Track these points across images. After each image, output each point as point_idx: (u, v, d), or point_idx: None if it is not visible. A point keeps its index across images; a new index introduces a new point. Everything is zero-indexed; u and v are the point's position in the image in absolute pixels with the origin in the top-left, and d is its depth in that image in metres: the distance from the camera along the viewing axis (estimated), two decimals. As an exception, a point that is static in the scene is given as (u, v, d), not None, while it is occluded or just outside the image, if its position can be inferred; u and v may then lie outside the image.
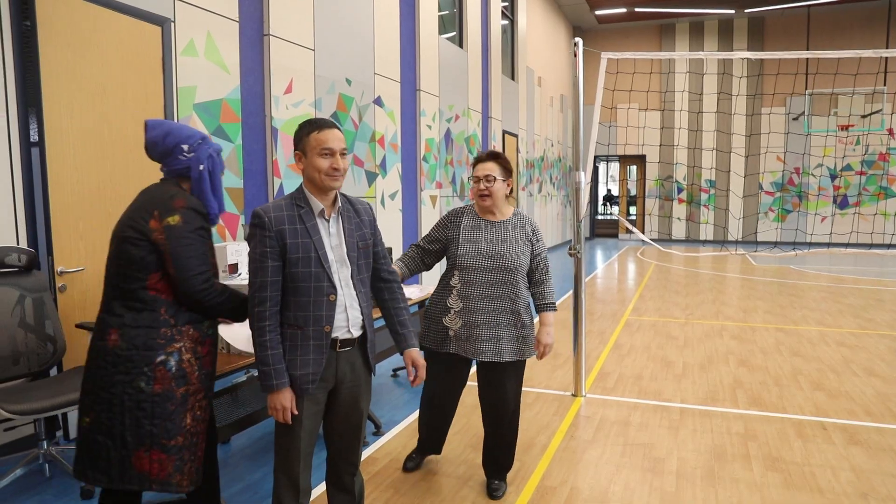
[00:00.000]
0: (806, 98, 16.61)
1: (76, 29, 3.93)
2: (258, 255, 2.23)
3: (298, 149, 2.32)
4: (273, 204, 2.30)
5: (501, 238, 3.05)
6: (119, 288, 2.27)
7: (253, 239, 2.25)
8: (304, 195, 2.35)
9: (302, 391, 2.29)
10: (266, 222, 2.23)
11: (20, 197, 3.66)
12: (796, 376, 5.19)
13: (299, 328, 2.28)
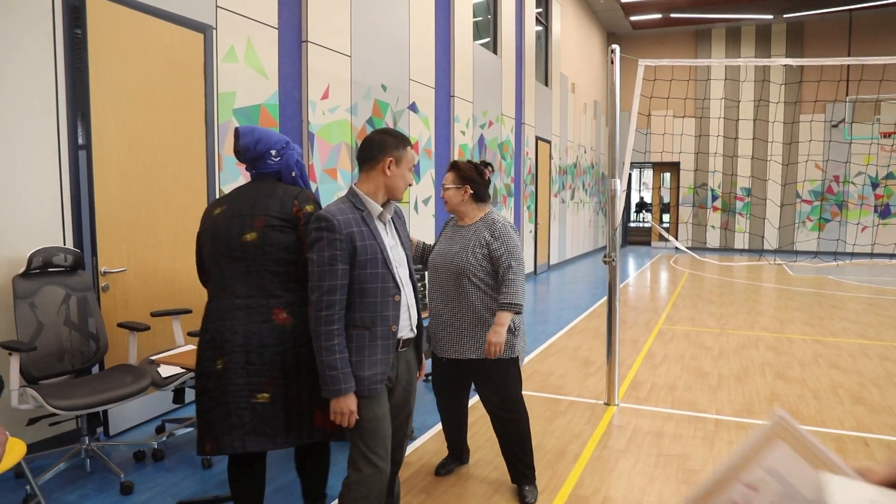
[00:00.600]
0: (847, 105, 16.25)
1: (123, 37, 4.04)
2: (327, 258, 2.23)
3: (392, 156, 2.37)
4: (335, 207, 2.30)
5: (460, 242, 3.15)
6: (276, 272, 2.47)
7: (319, 242, 2.24)
8: (360, 198, 2.37)
9: (370, 392, 2.31)
10: (336, 225, 2.24)
11: (67, 198, 3.77)
12: (836, 389, 5.08)
13: (367, 329, 2.30)
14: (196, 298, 4.58)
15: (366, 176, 2.40)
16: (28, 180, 3.57)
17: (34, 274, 3.52)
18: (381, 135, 2.41)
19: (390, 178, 2.38)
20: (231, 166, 4.97)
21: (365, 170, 2.40)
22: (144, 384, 3.48)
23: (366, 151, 2.39)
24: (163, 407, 4.42)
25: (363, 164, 2.41)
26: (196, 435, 2.69)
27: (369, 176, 2.39)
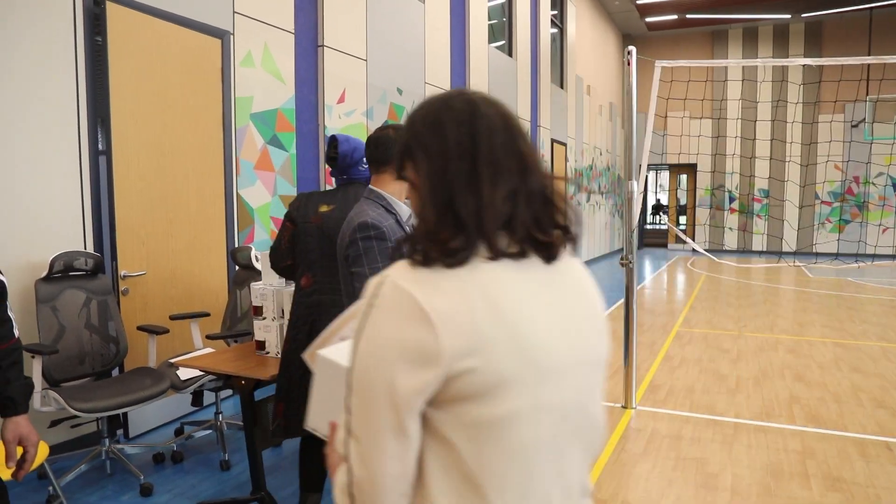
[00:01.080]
0: (867, 104, 16.04)
1: (142, 43, 4.09)
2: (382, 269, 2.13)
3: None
4: (373, 213, 2.14)
5: None
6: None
7: (370, 253, 2.08)
8: (388, 201, 2.22)
9: None
10: (386, 233, 2.10)
11: (88, 203, 3.82)
12: (857, 393, 5.01)
13: None
14: (214, 302, 4.62)
15: (389, 177, 2.23)
16: (49, 186, 3.62)
17: (56, 278, 3.57)
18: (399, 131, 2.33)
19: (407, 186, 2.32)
20: (248, 171, 5.00)
21: (388, 171, 2.22)
22: (164, 387, 3.52)
23: (388, 151, 2.21)
24: (182, 409, 4.46)
25: (385, 165, 2.23)
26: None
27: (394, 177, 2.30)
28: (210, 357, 3.31)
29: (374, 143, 2.27)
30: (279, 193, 5.33)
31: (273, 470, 3.62)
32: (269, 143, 5.22)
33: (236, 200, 4.89)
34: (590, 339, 1.05)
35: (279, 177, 5.34)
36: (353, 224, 2.11)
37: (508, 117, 1.02)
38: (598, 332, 1.09)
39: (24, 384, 1.77)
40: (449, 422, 0.90)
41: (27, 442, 1.72)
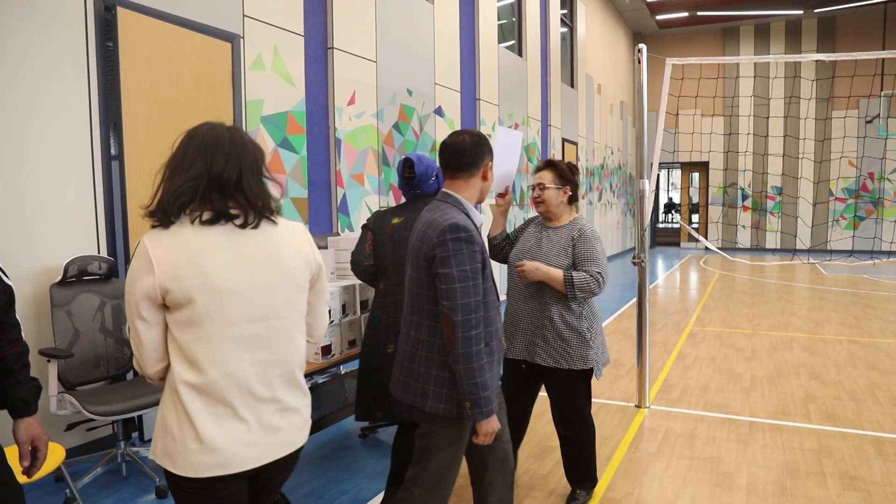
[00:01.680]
0: (882, 100, 15.89)
1: (153, 48, 4.12)
2: (471, 272, 2.08)
3: (490, 160, 2.30)
4: (462, 218, 2.14)
5: (547, 245, 3.04)
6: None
7: (459, 254, 2.07)
8: (467, 208, 2.23)
9: (493, 409, 2.17)
10: (476, 236, 2.11)
11: (101, 207, 3.85)
12: (874, 391, 4.96)
13: (486, 344, 2.14)
14: (227, 304, 4.64)
15: (464, 183, 2.25)
16: (63, 191, 3.65)
17: (70, 282, 3.60)
18: (473, 137, 2.27)
19: (488, 182, 2.31)
20: (259, 173, 5.02)
21: (463, 177, 2.25)
22: (178, 389, 3.53)
23: (464, 157, 2.23)
24: (196, 412, 4.47)
25: (461, 171, 2.24)
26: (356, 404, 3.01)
27: (469, 183, 2.25)
28: (223, 359, 3.33)
29: (449, 149, 2.27)
30: (290, 196, 5.35)
31: (287, 471, 3.63)
32: (280, 145, 5.25)
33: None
34: (264, 274, 1.63)
35: (290, 179, 5.36)
36: (442, 225, 2.09)
37: (217, 134, 1.66)
38: (276, 270, 1.65)
39: (34, 386, 1.82)
40: (172, 321, 1.56)
41: (38, 441, 1.77)
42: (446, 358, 2.13)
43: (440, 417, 2.18)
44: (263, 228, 1.65)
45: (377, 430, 4.22)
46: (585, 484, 3.21)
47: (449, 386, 2.15)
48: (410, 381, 2.23)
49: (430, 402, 2.17)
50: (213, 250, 1.56)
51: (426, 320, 2.17)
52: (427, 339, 2.18)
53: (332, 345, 3.19)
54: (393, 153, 6.74)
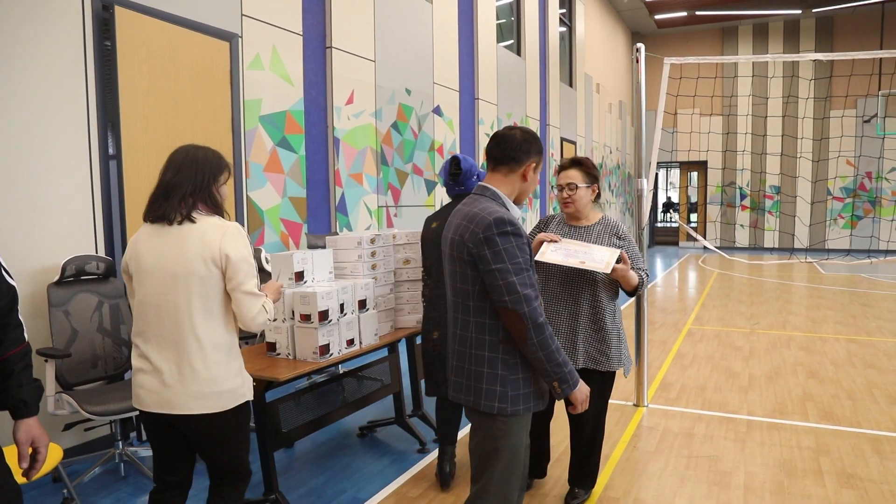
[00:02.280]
0: (879, 99, 15.91)
1: (151, 47, 4.12)
2: (524, 262, 2.06)
3: (535, 160, 2.22)
4: (503, 209, 2.12)
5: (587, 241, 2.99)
6: None
7: (510, 248, 2.04)
8: (505, 203, 2.18)
9: (545, 403, 2.22)
10: (521, 228, 2.09)
11: (99, 207, 3.85)
12: (871, 389, 4.97)
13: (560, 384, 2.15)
14: (225, 304, 4.64)
15: (503, 177, 2.20)
16: (60, 190, 3.65)
17: (68, 282, 3.60)
18: (525, 134, 2.21)
19: (528, 184, 2.23)
20: (258, 173, 5.03)
21: (503, 171, 2.20)
22: (176, 389, 3.53)
23: (509, 151, 2.18)
24: (194, 411, 4.47)
25: (502, 164, 2.20)
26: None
27: (508, 178, 2.20)
28: (221, 359, 3.32)
29: (497, 138, 2.23)
30: (289, 195, 5.35)
31: (285, 471, 3.63)
32: (279, 145, 5.25)
33: (246, 203, 4.92)
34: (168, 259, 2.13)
35: (289, 178, 5.35)
36: (487, 220, 2.04)
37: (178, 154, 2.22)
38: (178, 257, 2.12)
39: (36, 387, 1.81)
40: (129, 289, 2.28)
41: (39, 443, 1.77)
42: (498, 355, 2.11)
43: (496, 417, 2.13)
44: (184, 226, 2.14)
45: (376, 430, 4.22)
46: (586, 483, 3.21)
47: (502, 384, 2.11)
48: (462, 380, 2.19)
49: (485, 400, 2.13)
50: (144, 241, 2.19)
51: (473, 317, 2.13)
52: (476, 336, 2.13)
53: (329, 344, 3.19)
54: (391, 153, 6.74)
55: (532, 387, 2.16)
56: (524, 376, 2.13)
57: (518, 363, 2.12)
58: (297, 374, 3.03)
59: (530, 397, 2.16)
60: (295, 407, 3.48)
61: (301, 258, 3.32)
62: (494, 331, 2.11)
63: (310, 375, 4.76)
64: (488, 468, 2.18)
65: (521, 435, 2.19)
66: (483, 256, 2.04)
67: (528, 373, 2.14)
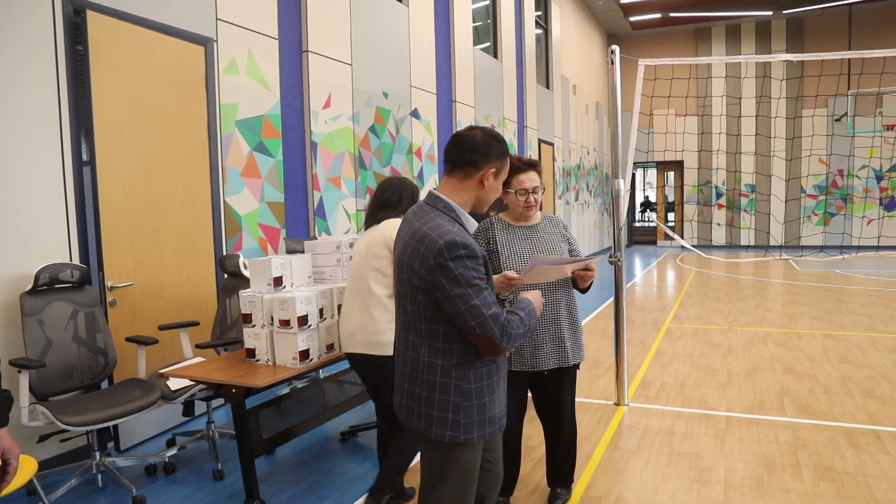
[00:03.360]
0: (849, 98, 16.21)
1: (125, 52, 4.07)
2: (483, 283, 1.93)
3: (495, 166, 2.04)
4: (456, 231, 1.94)
5: (541, 240, 2.98)
6: None
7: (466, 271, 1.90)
8: (459, 215, 2.03)
9: (500, 429, 2.10)
10: (475, 249, 1.92)
11: (73, 214, 3.79)
12: (846, 383, 5.05)
13: (493, 362, 2.05)
14: (203, 311, 4.60)
15: (458, 184, 2.04)
16: (33, 197, 3.59)
17: (41, 291, 3.54)
18: (486, 135, 2.04)
19: (486, 192, 2.05)
20: (235, 178, 4.99)
21: (458, 176, 2.03)
22: (154, 398, 3.49)
23: (466, 153, 2.01)
24: (173, 420, 4.43)
25: (458, 168, 2.03)
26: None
27: (463, 185, 2.03)
28: (200, 366, 3.30)
29: (455, 139, 2.07)
30: (266, 200, 5.32)
31: (266, 478, 3.60)
32: (256, 149, 5.21)
33: (223, 208, 4.87)
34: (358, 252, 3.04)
35: (266, 183, 5.32)
36: (438, 245, 1.89)
37: (394, 181, 3.32)
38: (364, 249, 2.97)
39: (4, 397, 1.76)
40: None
41: (9, 454, 1.71)
42: (451, 381, 1.99)
43: (446, 444, 2.03)
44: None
45: (357, 435, 4.20)
46: (567, 482, 3.23)
47: (454, 411, 2.00)
48: (413, 405, 2.06)
49: (436, 428, 2.02)
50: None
51: (425, 341, 2.00)
52: (428, 360, 2.00)
53: (309, 349, 3.18)
54: (369, 156, 6.73)
55: (487, 413, 2.04)
56: (478, 403, 2.02)
57: (472, 389, 2.00)
58: (277, 380, 3.02)
59: (485, 424, 2.03)
60: (275, 413, 3.45)
61: (279, 263, 3.30)
62: (448, 355, 1.99)
63: (290, 381, 4.73)
64: (436, 490, 2.08)
65: (474, 457, 2.08)
66: (438, 284, 1.90)
67: (483, 399, 2.02)
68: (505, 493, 3.18)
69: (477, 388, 2.01)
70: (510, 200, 2.98)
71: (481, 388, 2.02)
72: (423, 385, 2.02)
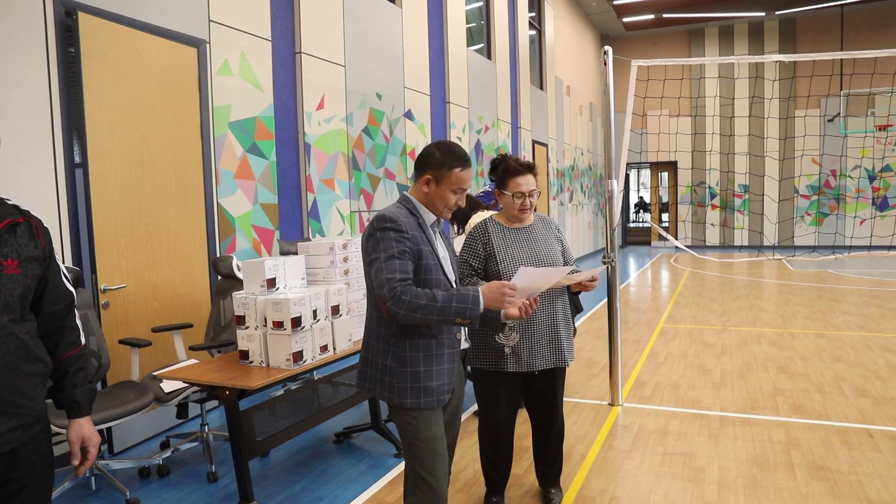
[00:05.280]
0: (841, 99, 16.28)
1: (117, 53, 4.06)
2: (398, 253, 2.13)
3: (430, 174, 2.28)
4: (395, 211, 2.23)
5: (536, 242, 2.98)
6: None
7: (386, 240, 2.15)
8: (415, 206, 2.32)
9: (440, 402, 2.24)
10: (402, 226, 2.18)
11: (65, 216, 3.78)
12: (839, 383, 5.07)
13: (433, 337, 2.23)
14: (197, 313, 4.59)
15: (415, 185, 2.35)
16: (25, 200, 3.57)
17: (34, 293, 3.52)
18: (433, 148, 2.31)
19: (428, 195, 2.30)
20: (228, 180, 4.98)
21: (415, 177, 2.36)
22: (147, 400, 3.48)
23: (417, 161, 2.34)
24: (167, 423, 4.42)
25: (415, 173, 2.36)
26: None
27: (416, 186, 2.33)
28: (194, 368, 3.29)
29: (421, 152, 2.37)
30: (260, 202, 5.31)
31: (260, 480, 3.60)
32: (249, 151, 5.20)
33: (217, 210, 4.86)
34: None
35: (260, 185, 5.31)
36: (373, 220, 2.21)
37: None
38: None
39: (88, 388, 1.93)
40: None
41: (88, 442, 1.91)
42: (389, 347, 2.22)
43: (399, 409, 2.23)
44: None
45: (352, 436, 4.20)
46: (557, 481, 3.24)
47: (391, 374, 2.21)
48: (368, 369, 2.31)
49: (379, 389, 2.25)
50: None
51: (374, 311, 2.27)
52: (376, 327, 2.27)
53: (303, 351, 3.17)
54: (363, 157, 6.72)
55: (422, 382, 2.20)
56: (412, 371, 2.20)
57: (408, 357, 2.20)
58: (271, 381, 3.01)
59: (419, 392, 2.20)
60: (269, 415, 3.45)
61: (273, 265, 3.29)
62: (389, 324, 2.23)
63: (284, 383, 4.73)
64: (409, 458, 2.27)
65: (431, 430, 2.23)
66: (366, 250, 2.21)
67: (417, 368, 2.20)
68: (497, 492, 3.19)
69: (412, 356, 2.20)
70: (506, 202, 2.99)
71: (416, 358, 2.20)
72: (373, 350, 2.29)
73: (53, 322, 1.85)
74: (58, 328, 1.87)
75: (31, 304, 1.79)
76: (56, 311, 1.86)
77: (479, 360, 2.95)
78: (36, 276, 1.78)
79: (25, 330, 1.72)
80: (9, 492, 1.71)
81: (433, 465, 2.22)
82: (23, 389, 1.69)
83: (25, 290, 1.73)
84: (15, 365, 1.67)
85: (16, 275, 1.70)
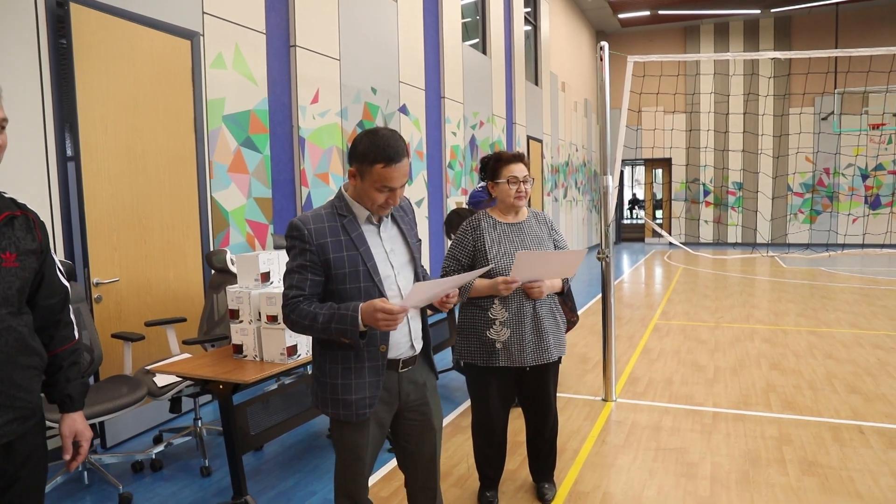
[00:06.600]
0: (836, 97, 16.33)
1: (109, 46, 4.03)
2: (297, 267, 2.04)
3: (353, 167, 2.06)
4: (312, 214, 2.08)
5: (528, 237, 2.98)
6: None
7: (292, 250, 2.07)
8: (345, 203, 2.11)
9: (359, 417, 2.10)
10: (305, 235, 2.03)
11: (57, 210, 3.75)
12: (830, 379, 5.10)
13: (351, 349, 2.06)
14: (190, 307, 4.58)
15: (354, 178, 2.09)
16: (17, 194, 3.53)
17: (26, 286, 3.50)
18: (360, 136, 2.05)
19: (356, 190, 2.08)
20: (222, 173, 4.96)
21: (353, 171, 2.09)
22: (140, 394, 3.47)
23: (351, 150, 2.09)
24: (160, 417, 4.40)
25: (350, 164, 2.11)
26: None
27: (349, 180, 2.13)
28: (187, 362, 3.28)
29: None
30: (254, 196, 5.29)
31: (254, 474, 3.59)
32: (243, 145, 5.18)
33: (210, 203, 4.84)
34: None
35: (253, 179, 5.29)
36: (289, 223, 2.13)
37: None
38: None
39: (81, 383, 1.94)
40: None
41: (81, 437, 1.91)
42: (317, 356, 2.18)
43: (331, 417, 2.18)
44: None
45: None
46: (551, 476, 3.24)
47: (316, 382, 2.18)
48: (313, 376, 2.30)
49: (315, 399, 2.21)
50: None
51: None
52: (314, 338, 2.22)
53: (297, 345, 3.17)
54: (358, 152, 6.70)
55: (340, 395, 2.10)
56: (331, 382, 2.11)
57: (327, 368, 2.13)
58: (265, 375, 3.01)
59: (338, 404, 2.11)
60: (263, 409, 3.44)
61: (267, 259, 3.28)
62: None
63: (278, 377, 4.72)
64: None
65: (352, 440, 2.15)
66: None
67: (335, 380, 2.10)
68: (491, 486, 3.19)
69: (331, 368, 2.12)
70: (501, 190, 2.99)
71: (335, 370, 2.11)
72: (313, 359, 2.23)
73: (48, 316, 1.85)
74: (53, 322, 1.87)
75: (27, 297, 1.79)
76: (51, 305, 1.86)
77: (471, 354, 2.96)
78: (33, 270, 1.77)
79: (23, 323, 1.72)
80: (3, 485, 1.71)
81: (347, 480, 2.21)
82: (20, 382, 1.69)
83: (23, 283, 1.73)
84: (13, 358, 1.67)
85: (14, 268, 1.70)
